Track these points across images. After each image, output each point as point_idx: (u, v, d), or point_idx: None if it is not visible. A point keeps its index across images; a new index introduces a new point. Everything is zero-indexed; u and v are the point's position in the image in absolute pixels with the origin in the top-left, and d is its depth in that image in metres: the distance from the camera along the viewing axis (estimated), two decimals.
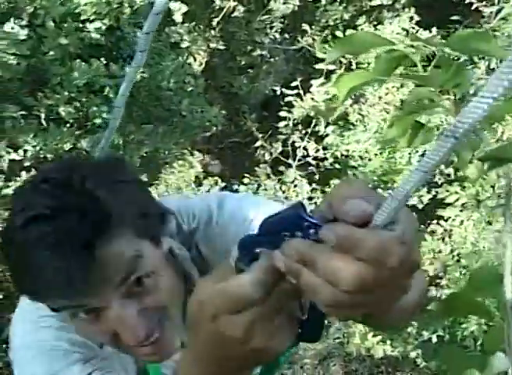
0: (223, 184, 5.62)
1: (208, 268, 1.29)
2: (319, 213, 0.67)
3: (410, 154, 5.37)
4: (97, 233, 1.05)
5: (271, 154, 6.06)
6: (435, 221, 5.44)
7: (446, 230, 5.39)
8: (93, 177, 1.09)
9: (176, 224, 1.32)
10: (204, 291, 0.75)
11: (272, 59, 6.38)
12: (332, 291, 0.63)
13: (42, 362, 1.27)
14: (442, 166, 5.37)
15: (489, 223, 5.36)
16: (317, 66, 5.61)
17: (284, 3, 5.93)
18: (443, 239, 5.45)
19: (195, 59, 5.45)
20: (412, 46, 1.19)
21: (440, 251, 5.40)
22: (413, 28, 5.68)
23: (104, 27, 3.99)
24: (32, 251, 1.06)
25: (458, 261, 5.35)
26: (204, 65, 5.59)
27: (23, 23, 3.62)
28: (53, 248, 1.04)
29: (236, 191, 5.45)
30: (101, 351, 1.32)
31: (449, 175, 5.50)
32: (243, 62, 6.29)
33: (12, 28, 3.51)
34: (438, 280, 5.41)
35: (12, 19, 3.55)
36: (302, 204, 0.69)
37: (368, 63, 5.45)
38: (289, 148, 5.91)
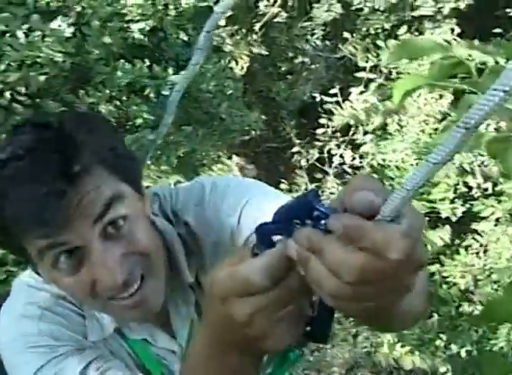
0: None
1: (201, 246, 1.33)
2: (331, 204, 0.68)
3: (448, 166, 5.33)
4: (73, 166, 1.06)
5: (307, 160, 6.07)
6: (469, 235, 5.38)
7: (481, 245, 5.33)
8: (72, 122, 1.13)
9: (158, 205, 1.35)
10: (217, 273, 0.77)
11: (312, 66, 6.39)
12: (334, 281, 0.64)
13: (30, 359, 1.26)
14: (481, 180, 5.32)
15: None
16: (357, 75, 5.62)
17: (327, 11, 5.94)
18: (477, 253, 5.40)
19: (237, 63, 5.48)
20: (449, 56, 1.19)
21: (473, 265, 5.34)
22: (454, 40, 5.66)
23: (147, 28, 4.03)
24: (8, 187, 1.07)
25: (489, 276, 5.29)
26: (245, 69, 5.61)
27: (70, 21, 3.67)
28: (28, 178, 1.06)
29: None
30: (87, 342, 1.31)
31: (486, 189, 5.45)
32: (283, 68, 6.31)
33: (59, 26, 3.56)
34: (468, 294, 5.36)
35: (59, 18, 3.61)
36: (316, 192, 0.70)
37: (408, 73, 5.43)
38: (326, 155, 5.92)
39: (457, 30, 5.83)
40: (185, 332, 1.38)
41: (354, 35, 6.03)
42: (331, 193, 5.66)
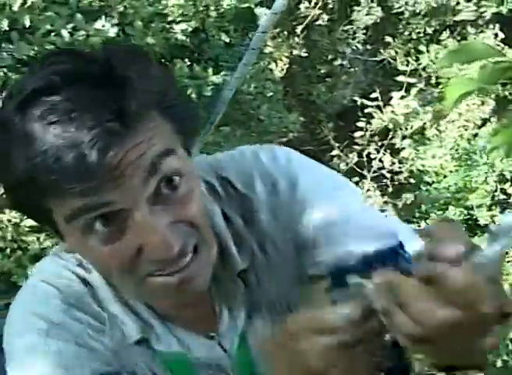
0: None
1: (252, 222, 1.08)
2: (413, 251, 0.68)
3: (486, 173, 5.29)
4: (126, 106, 0.82)
5: (346, 164, 6.05)
6: None
7: None
8: (121, 58, 0.88)
9: (212, 189, 1.08)
10: (295, 317, 0.76)
11: (351, 69, 6.38)
12: (416, 328, 0.63)
13: None
14: None
15: None
16: (398, 79, 5.60)
17: (367, 14, 5.93)
18: None
19: (277, 65, 5.49)
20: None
21: (509, 274, 5.29)
22: (498, 45, 5.60)
23: (189, 29, 4.06)
24: (37, 128, 0.82)
25: None
26: (285, 71, 5.62)
27: (114, 21, 3.71)
28: (67, 116, 0.81)
29: None
30: (95, 353, 1.03)
31: None
32: (322, 71, 6.30)
33: (103, 26, 3.60)
34: None
35: (103, 17, 3.65)
36: (399, 240, 0.72)
37: (449, 78, 5.39)
38: (365, 159, 5.90)
39: (501, 35, 5.77)
40: (235, 335, 1.11)
41: (396, 40, 6.01)
42: (368, 197, 5.63)
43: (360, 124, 5.77)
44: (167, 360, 1.08)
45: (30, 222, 3.18)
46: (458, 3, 6.09)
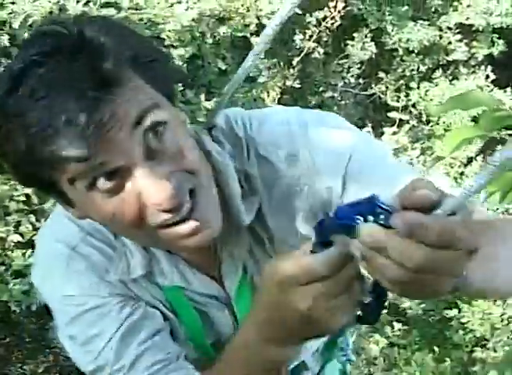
0: None
1: (256, 189, 1.15)
2: (390, 203, 0.73)
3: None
4: (103, 71, 0.89)
5: None
6: None
7: None
8: (94, 27, 0.94)
9: (228, 129, 1.16)
10: (279, 262, 0.83)
11: (342, 102, 6.43)
12: (398, 271, 0.70)
13: (62, 309, 1.19)
14: None
15: None
16: (390, 115, 5.65)
17: (361, 49, 6.00)
18: (495, 301, 5.34)
19: (268, 95, 5.52)
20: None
21: (491, 314, 5.29)
22: (487, 86, 5.69)
23: (187, 55, 4.07)
24: (28, 104, 0.90)
25: (507, 325, 5.23)
26: (276, 101, 5.65)
27: None
28: (53, 89, 0.89)
29: None
30: (107, 287, 1.17)
31: None
32: (313, 102, 6.35)
33: None
34: (483, 341, 5.29)
35: None
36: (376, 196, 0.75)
37: (439, 117, 5.46)
38: None
39: (492, 76, 5.86)
40: (235, 276, 1.21)
41: (389, 76, 6.08)
42: None
43: None
44: (169, 293, 1.19)
45: (16, 237, 3.13)
46: (450, 43, 6.18)
